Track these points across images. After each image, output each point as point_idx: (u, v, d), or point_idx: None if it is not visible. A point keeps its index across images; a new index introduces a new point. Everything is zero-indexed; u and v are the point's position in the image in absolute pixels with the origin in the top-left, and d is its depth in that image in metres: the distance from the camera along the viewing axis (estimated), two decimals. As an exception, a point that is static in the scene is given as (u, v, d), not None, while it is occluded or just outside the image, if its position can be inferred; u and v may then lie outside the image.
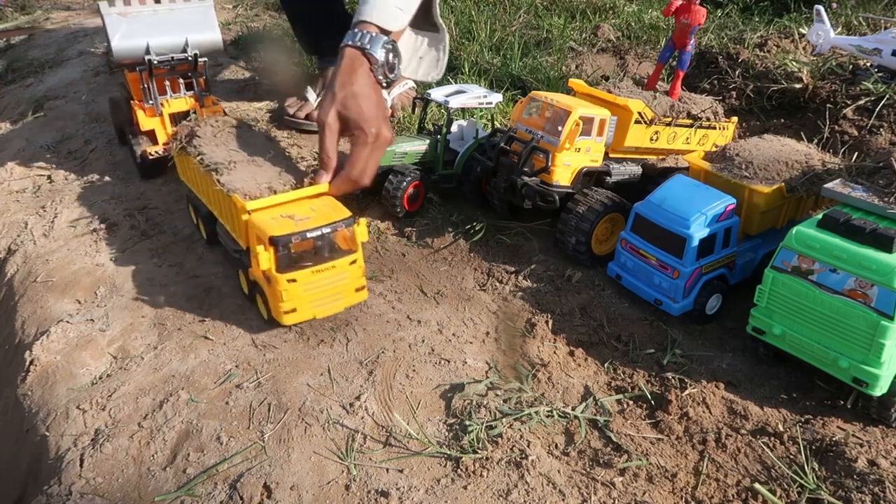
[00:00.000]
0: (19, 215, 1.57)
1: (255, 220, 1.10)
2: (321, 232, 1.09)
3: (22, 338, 1.22)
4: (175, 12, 1.58)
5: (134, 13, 1.54)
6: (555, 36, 2.60)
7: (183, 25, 1.58)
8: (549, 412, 1.01)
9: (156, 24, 1.56)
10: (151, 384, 1.06)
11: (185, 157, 1.31)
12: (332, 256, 1.11)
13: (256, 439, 0.96)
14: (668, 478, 0.92)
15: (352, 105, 1.18)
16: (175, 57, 1.56)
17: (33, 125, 2.05)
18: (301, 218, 1.10)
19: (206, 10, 1.62)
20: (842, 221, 0.97)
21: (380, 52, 1.22)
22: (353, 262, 1.13)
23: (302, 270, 1.09)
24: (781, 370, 1.10)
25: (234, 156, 1.24)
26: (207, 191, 1.26)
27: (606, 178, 1.41)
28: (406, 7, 1.28)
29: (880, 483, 0.89)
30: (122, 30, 1.52)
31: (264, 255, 1.05)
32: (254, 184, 1.15)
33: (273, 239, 1.05)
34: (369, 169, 1.21)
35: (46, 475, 0.96)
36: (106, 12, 1.52)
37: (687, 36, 1.42)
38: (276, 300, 1.10)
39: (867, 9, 2.78)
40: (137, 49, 1.54)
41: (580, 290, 1.28)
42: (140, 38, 1.54)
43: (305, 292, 1.10)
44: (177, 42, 1.57)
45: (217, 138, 1.30)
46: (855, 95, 1.77)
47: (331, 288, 1.12)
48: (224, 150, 1.26)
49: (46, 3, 3.66)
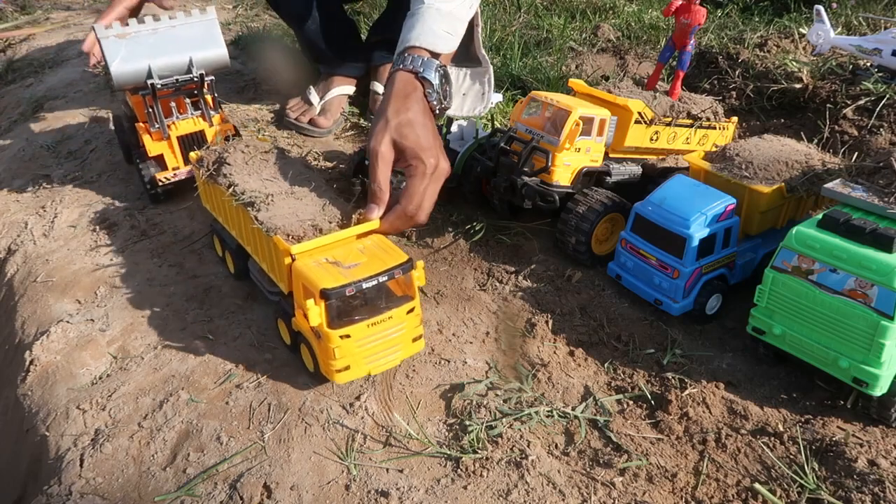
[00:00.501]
0: (19, 215, 1.57)
1: (302, 268, 0.98)
2: (378, 281, 0.97)
3: (22, 338, 1.22)
4: (176, 30, 1.47)
5: (132, 34, 1.42)
6: (555, 36, 2.60)
7: (186, 44, 1.47)
8: (550, 412, 1.01)
9: (156, 44, 1.44)
10: (151, 384, 1.06)
11: (212, 186, 1.20)
12: (388, 306, 0.99)
13: (256, 439, 0.96)
14: (668, 478, 0.92)
15: (408, 133, 1.09)
16: (180, 78, 1.46)
17: (33, 125, 2.05)
18: (351, 263, 0.99)
19: (210, 25, 1.51)
20: (842, 221, 0.97)
21: (434, 76, 1.15)
22: (410, 310, 1.01)
23: (356, 325, 0.96)
24: (781, 370, 1.10)
25: (270, 186, 1.13)
26: (239, 225, 1.16)
27: (606, 178, 1.41)
28: (453, 31, 1.22)
29: (880, 483, 0.89)
30: (121, 54, 1.41)
31: (315, 309, 0.93)
32: (296, 221, 1.04)
33: (325, 292, 0.93)
34: (427, 203, 1.10)
35: (46, 475, 0.96)
36: (102, 35, 1.40)
37: (687, 36, 1.42)
38: (328, 357, 0.97)
39: (867, 9, 2.78)
40: (139, 73, 1.44)
41: (580, 290, 1.28)
42: (141, 61, 1.43)
43: (360, 348, 0.98)
44: (180, 62, 1.47)
45: (249, 166, 1.19)
46: (855, 95, 1.77)
47: (387, 341, 1.00)
48: (257, 180, 1.15)
49: (46, 3, 3.66)
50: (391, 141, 1.08)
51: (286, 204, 1.09)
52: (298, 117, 1.90)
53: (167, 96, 1.48)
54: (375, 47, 1.99)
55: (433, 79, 1.15)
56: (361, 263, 0.99)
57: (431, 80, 1.15)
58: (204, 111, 1.54)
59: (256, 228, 1.05)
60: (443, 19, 1.20)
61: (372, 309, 0.99)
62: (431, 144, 1.10)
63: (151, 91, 1.43)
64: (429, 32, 1.17)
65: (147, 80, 1.43)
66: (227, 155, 1.20)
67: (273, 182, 1.15)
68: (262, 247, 1.10)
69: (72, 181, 1.70)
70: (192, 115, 1.53)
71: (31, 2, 3.62)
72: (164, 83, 1.44)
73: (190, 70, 1.47)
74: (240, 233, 1.18)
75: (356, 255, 1.01)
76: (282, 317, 1.10)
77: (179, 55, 1.46)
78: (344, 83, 1.97)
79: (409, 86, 1.13)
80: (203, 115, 1.54)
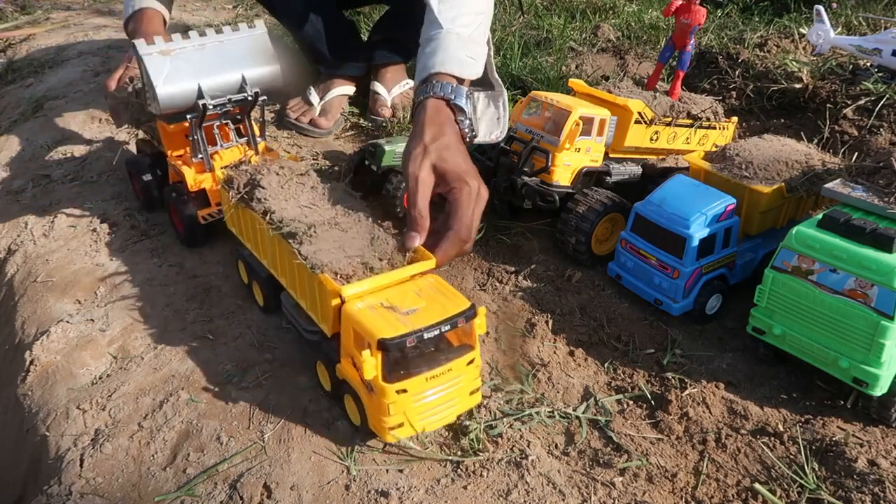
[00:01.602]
0: (19, 215, 1.57)
1: (354, 313, 0.88)
2: (440, 331, 0.87)
3: (22, 338, 1.22)
4: (225, 45, 1.31)
5: (178, 50, 1.25)
6: (555, 36, 2.60)
7: (236, 60, 1.31)
8: (551, 412, 1.01)
9: (204, 61, 1.28)
10: (151, 384, 1.06)
11: (244, 210, 1.11)
12: (447, 358, 0.90)
13: (256, 439, 0.96)
14: (668, 478, 0.92)
15: (448, 157, 1.05)
16: (233, 98, 1.28)
17: (33, 125, 2.05)
18: (409, 308, 0.89)
19: (261, 38, 1.36)
20: (842, 221, 0.97)
21: (466, 103, 1.13)
22: (470, 361, 0.92)
23: (413, 378, 0.87)
24: (781, 370, 1.10)
25: (310, 215, 1.04)
26: (274, 255, 1.06)
27: (606, 178, 1.41)
28: (475, 55, 1.19)
29: (880, 483, 0.89)
30: (165, 72, 1.23)
31: (370, 361, 0.84)
32: (343, 257, 0.94)
33: (383, 343, 0.83)
34: (475, 227, 1.05)
35: (46, 475, 0.96)
36: (145, 52, 1.23)
37: (687, 36, 1.42)
38: (381, 413, 0.88)
39: (867, 9, 2.78)
40: (187, 93, 1.26)
41: (580, 290, 1.28)
42: (189, 81, 1.25)
43: (416, 403, 0.88)
44: (231, 80, 1.30)
45: (285, 190, 1.08)
46: (855, 95, 1.77)
47: (444, 395, 0.91)
48: (295, 207, 1.05)
49: (46, 3, 3.66)
50: (431, 166, 1.04)
51: (330, 236, 0.99)
52: (298, 118, 1.90)
53: (211, 121, 1.32)
54: (377, 47, 1.98)
55: (465, 105, 1.12)
56: (420, 309, 0.89)
57: (463, 107, 1.12)
58: (250, 137, 1.37)
59: (298, 263, 0.95)
60: (464, 45, 1.18)
61: (430, 360, 0.89)
62: (472, 167, 1.07)
63: (201, 114, 1.26)
64: (453, 59, 1.15)
65: (198, 101, 1.25)
66: (260, 177, 1.09)
67: (313, 210, 1.05)
68: (303, 283, 0.99)
69: (72, 181, 1.70)
70: (236, 142, 1.36)
71: (31, 2, 3.62)
72: (216, 103, 1.26)
73: (242, 89, 1.30)
74: (273, 263, 1.08)
75: (413, 298, 0.91)
76: (322, 361, 0.99)
77: (230, 73, 1.30)
78: (344, 84, 1.97)
79: (441, 112, 1.10)
80: (249, 143, 1.37)
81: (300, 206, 1.05)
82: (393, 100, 1.97)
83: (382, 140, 1.49)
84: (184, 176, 1.32)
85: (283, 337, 1.15)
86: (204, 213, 1.34)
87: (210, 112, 1.26)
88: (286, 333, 1.16)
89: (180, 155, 1.37)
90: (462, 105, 1.12)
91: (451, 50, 1.16)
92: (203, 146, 1.30)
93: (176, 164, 1.35)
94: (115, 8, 3.58)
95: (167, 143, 1.38)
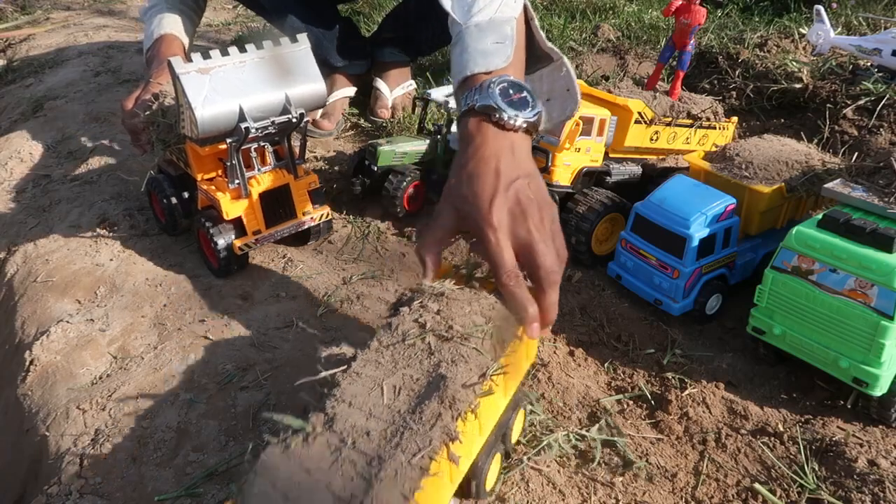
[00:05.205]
0: (19, 215, 1.57)
1: None
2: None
3: (22, 338, 1.22)
4: (266, 61, 1.21)
5: (216, 68, 1.14)
6: (555, 36, 2.60)
7: (278, 78, 1.21)
8: (567, 436, 0.97)
9: (245, 79, 1.17)
10: (151, 384, 1.06)
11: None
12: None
13: (256, 439, 0.95)
14: (668, 478, 0.92)
15: (533, 186, 0.87)
16: (276, 120, 1.18)
17: (33, 125, 2.05)
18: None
19: (304, 55, 1.25)
20: (842, 221, 0.97)
21: (489, 99, 0.92)
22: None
23: None
24: (781, 370, 1.10)
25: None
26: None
27: (606, 178, 1.41)
28: (503, 37, 1.03)
29: (880, 483, 0.89)
30: (205, 93, 1.12)
31: None
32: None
33: None
34: (561, 252, 0.87)
35: (46, 475, 0.96)
36: (182, 71, 1.11)
37: (687, 36, 1.42)
38: None
39: (867, 9, 2.78)
40: (228, 116, 1.14)
41: (580, 290, 1.28)
42: (230, 101, 1.14)
43: None
44: (274, 100, 1.19)
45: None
46: (855, 95, 1.77)
47: None
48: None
49: (46, 3, 3.67)
50: (508, 211, 0.84)
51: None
52: None
53: (249, 143, 1.21)
54: (384, 44, 1.98)
55: (490, 100, 0.92)
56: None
57: (490, 104, 0.92)
58: (288, 161, 1.28)
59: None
60: (484, 33, 1.03)
61: None
62: (546, 193, 0.90)
63: (242, 137, 1.15)
64: (476, 54, 1.01)
65: (239, 124, 1.15)
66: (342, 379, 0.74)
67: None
68: None
69: (72, 181, 1.70)
70: (274, 165, 1.28)
71: (31, 2, 3.62)
72: (259, 126, 1.16)
73: (286, 110, 1.20)
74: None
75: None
76: None
77: (272, 92, 1.20)
78: (345, 85, 1.97)
79: (479, 132, 0.92)
80: (287, 167, 1.28)
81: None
82: (394, 100, 1.97)
83: (382, 140, 1.49)
84: (217, 203, 1.23)
85: (284, 337, 1.15)
86: (240, 244, 1.24)
87: (251, 135, 1.17)
88: (286, 333, 1.16)
89: (211, 178, 1.28)
90: (489, 103, 0.92)
91: (471, 46, 1.02)
92: (241, 171, 1.21)
93: (209, 190, 1.25)
94: (115, 8, 3.59)
95: (197, 167, 1.26)
